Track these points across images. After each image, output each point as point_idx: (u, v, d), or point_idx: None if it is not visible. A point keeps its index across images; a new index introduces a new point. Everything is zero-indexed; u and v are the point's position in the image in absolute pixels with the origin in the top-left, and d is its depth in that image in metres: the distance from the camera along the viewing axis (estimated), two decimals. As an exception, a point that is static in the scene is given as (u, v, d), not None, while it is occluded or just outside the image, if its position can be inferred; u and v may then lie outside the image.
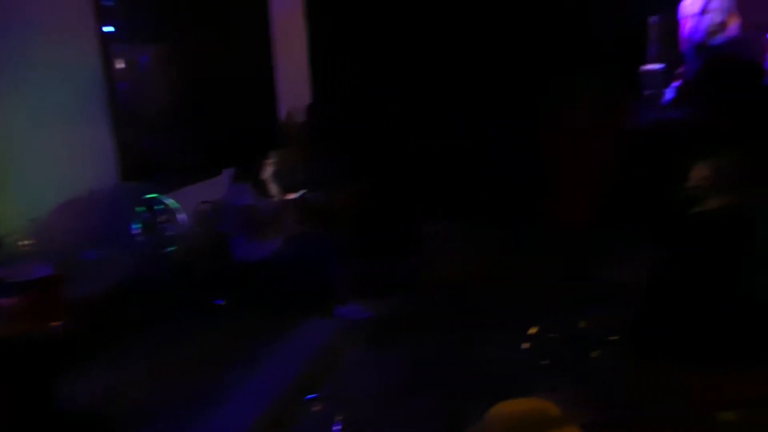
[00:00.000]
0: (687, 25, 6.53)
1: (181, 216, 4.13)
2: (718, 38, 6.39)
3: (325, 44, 6.14)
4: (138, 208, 3.97)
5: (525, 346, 3.11)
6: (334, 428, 2.70)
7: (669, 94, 6.55)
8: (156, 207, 4.02)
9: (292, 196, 4.14)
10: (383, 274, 3.96)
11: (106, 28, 4.13)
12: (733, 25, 6.41)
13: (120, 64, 4.27)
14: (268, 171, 4.08)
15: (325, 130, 4.99)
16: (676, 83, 6.70)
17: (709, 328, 2.15)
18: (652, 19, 7.41)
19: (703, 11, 6.35)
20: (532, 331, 3.15)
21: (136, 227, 3.94)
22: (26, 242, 3.08)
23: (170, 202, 4.10)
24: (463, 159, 5.37)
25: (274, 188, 4.08)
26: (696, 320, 2.12)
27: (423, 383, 3.04)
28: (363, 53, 6.04)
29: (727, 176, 2.13)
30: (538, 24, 5.70)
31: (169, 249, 3.95)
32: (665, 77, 6.81)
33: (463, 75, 5.97)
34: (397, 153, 4.98)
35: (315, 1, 6.13)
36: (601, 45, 5.60)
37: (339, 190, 4.32)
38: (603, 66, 5.03)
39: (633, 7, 7.08)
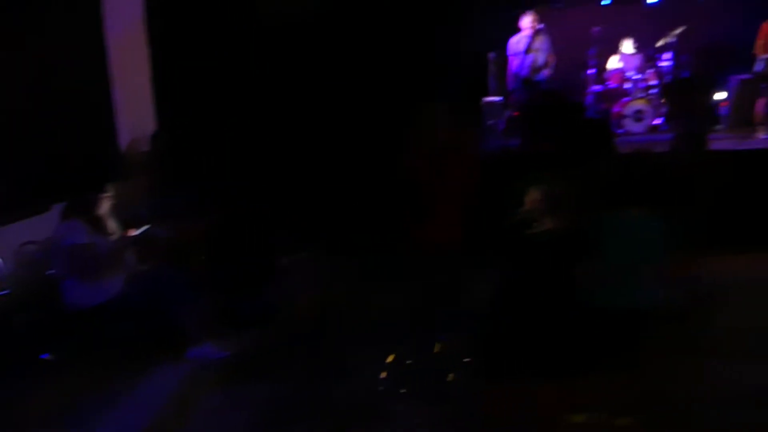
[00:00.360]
0: (514, 62, 7.14)
1: (-3, 260, 3.63)
2: (542, 75, 7.06)
3: (169, 69, 5.81)
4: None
5: (383, 375, 3.09)
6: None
7: (502, 124, 7.18)
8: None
9: (133, 232, 3.79)
10: (238, 310, 3.76)
11: None
12: (553, 64, 7.20)
13: None
14: (105, 205, 3.72)
15: (170, 159, 4.70)
16: (509, 114, 7.29)
17: (553, 340, 2.33)
18: (491, 55, 7.99)
19: (527, 50, 7.02)
20: (390, 359, 3.14)
21: (-66, 274, 3.42)
22: None
23: (-18, 244, 3.58)
24: (318, 186, 5.36)
25: (112, 224, 3.73)
26: (541, 334, 2.31)
27: (283, 421, 2.92)
28: (210, 78, 5.81)
29: (557, 199, 2.30)
30: (393, 56, 5.84)
31: (-20, 298, 3.42)
32: (504, 108, 7.35)
33: (317, 101, 5.97)
34: (248, 181, 4.77)
35: (157, 24, 5.80)
36: (449, 78, 5.87)
37: (186, 224, 4.06)
38: (451, 97, 5.31)
39: (476, 44, 7.65)
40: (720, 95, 8.14)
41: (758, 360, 3.09)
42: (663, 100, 7.52)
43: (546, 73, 7.07)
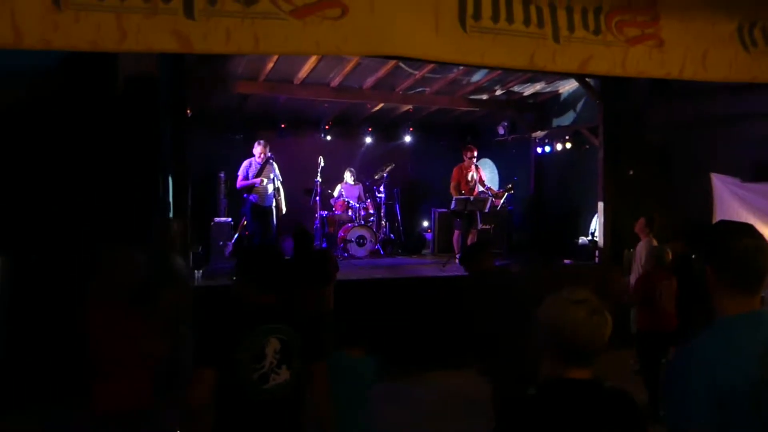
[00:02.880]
0: (245, 186, 7.19)
1: None
2: (269, 199, 7.09)
3: None
4: None
5: None
6: None
7: (230, 247, 7.18)
8: None
9: None
10: None
11: None
12: (282, 190, 7.17)
13: None
14: None
15: None
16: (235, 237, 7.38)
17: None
18: (221, 175, 8.16)
19: (257, 176, 7.02)
20: None
21: None
22: None
23: None
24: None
25: None
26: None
27: None
28: None
29: (294, 346, 2.27)
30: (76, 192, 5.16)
31: None
32: (233, 230, 7.41)
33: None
34: None
35: None
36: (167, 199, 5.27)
37: None
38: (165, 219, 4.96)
39: (208, 164, 7.76)
40: (425, 224, 9.68)
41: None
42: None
43: (272, 198, 7.20)
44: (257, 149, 7.11)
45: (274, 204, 7.21)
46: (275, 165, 7.19)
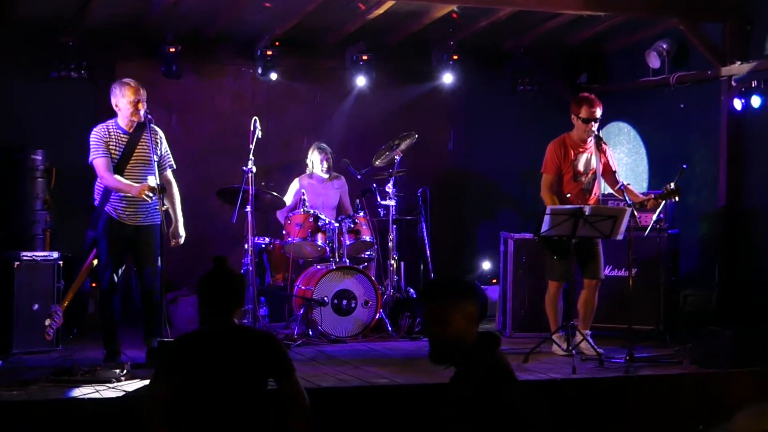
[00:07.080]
0: (107, 181, 7.08)
1: None
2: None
3: None
4: None
5: None
6: None
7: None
8: None
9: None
10: None
11: None
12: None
13: None
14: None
15: None
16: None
17: None
18: (37, 157, 8.10)
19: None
20: None
21: None
22: None
23: None
24: None
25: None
26: None
27: None
28: None
29: None
30: None
31: None
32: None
33: None
34: None
35: None
36: None
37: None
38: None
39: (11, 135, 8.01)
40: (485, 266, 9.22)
41: None
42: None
43: (153, 209, 6.38)
44: (123, 99, 6.32)
45: (159, 219, 6.41)
46: (161, 134, 6.63)
